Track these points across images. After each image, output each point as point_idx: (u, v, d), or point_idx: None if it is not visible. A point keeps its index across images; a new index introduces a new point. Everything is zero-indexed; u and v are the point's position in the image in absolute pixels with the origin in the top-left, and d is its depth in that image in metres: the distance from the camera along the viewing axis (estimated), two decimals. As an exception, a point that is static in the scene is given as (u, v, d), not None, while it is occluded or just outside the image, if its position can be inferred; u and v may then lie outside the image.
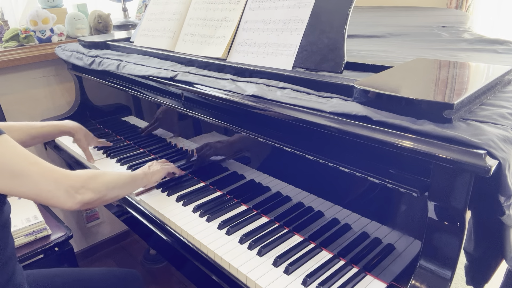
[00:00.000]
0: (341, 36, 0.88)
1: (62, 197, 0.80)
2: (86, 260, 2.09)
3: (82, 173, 0.86)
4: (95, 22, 1.87)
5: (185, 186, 1.12)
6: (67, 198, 0.80)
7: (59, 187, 0.79)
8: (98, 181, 0.87)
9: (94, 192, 0.85)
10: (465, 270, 0.65)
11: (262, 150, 0.97)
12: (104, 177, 0.90)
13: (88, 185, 0.84)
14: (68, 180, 0.81)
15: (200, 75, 1.05)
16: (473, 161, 0.55)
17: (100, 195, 0.87)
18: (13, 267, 0.86)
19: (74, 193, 0.81)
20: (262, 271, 0.79)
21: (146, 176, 1.06)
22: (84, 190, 0.83)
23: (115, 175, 0.95)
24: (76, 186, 0.82)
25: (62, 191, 0.80)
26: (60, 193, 0.79)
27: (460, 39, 1.47)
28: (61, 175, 0.81)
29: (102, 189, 0.88)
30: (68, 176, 0.82)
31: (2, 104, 1.66)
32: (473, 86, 0.70)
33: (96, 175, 0.88)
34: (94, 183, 0.86)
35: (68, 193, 0.80)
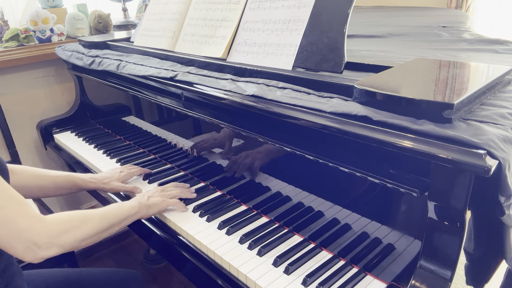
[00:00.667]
0: (341, 36, 0.88)
1: (20, 250, 0.71)
2: (86, 260, 2.09)
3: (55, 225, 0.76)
4: (95, 22, 1.87)
5: (185, 186, 1.12)
6: (26, 252, 0.72)
7: (19, 240, 0.71)
8: (71, 236, 0.78)
9: (61, 248, 0.77)
10: (465, 270, 0.65)
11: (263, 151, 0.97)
12: (82, 230, 0.80)
13: (57, 241, 0.75)
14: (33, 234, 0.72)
15: (200, 75, 1.05)
16: (473, 161, 0.55)
17: (69, 249, 0.78)
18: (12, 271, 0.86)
19: (36, 249, 0.72)
20: (262, 271, 0.79)
21: (140, 212, 0.94)
22: (50, 245, 0.74)
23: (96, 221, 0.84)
24: (40, 242, 0.73)
25: (22, 245, 0.71)
26: (19, 246, 0.71)
27: (460, 39, 1.47)
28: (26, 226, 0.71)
29: (74, 244, 0.79)
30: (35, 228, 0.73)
31: (2, 104, 1.66)
32: (473, 86, 0.70)
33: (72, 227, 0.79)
34: (65, 239, 0.77)
35: (29, 248, 0.72)
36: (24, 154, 1.77)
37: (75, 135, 1.60)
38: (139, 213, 0.94)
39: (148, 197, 0.98)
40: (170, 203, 0.99)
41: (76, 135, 1.60)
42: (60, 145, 1.58)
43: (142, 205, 0.95)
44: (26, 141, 1.78)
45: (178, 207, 1.00)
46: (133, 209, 0.92)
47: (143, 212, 0.94)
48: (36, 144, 1.80)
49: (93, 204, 2.06)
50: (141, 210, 0.94)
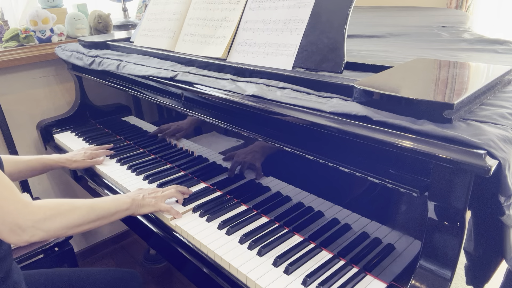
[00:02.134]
0: (341, 36, 0.88)
1: (5, 232, 0.73)
2: (86, 260, 2.09)
3: (41, 210, 0.77)
4: (95, 22, 1.87)
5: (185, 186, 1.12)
6: (11, 235, 0.73)
7: (4, 222, 0.72)
8: (56, 222, 0.79)
9: (46, 233, 0.77)
10: (465, 270, 0.65)
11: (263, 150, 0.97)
12: (68, 217, 0.81)
13: (41, 226, 0.76)
14: (19, 217, 0.74)
15: (200, 75, 1.05)
16: (473, 161, 0.55)
17: (54, 235, 0.79)
18: (9, 266, 0.86)
19: (21, 232, 0.74)
20: (262, 271, 0.79)
21: (131, 208, 0.94)
22: (34, 230, 0.75)
23: (84, 211, 0.84)
24: (24, 225, 0.74)
25: (7, 227, 0.73)
26: (4, 228, 0.73)
27: (460, 39, 1.47)
28: (12, 209, 0.73)
29: (58, 231, 0.80)
30: (20, 211, 0.74)
31: (2, 104, 1.66)
32: (473, 86, 0.70)
33: (58, 213, 0.80)
34: (50, 224, 0.78)
35: (13, 231, 0.73)
36: (24, 154, 1.77)
37: (75, 135, 1.60)
38: (130, 209, 0.94)
39: (143, 196, 0.99)
40: (162, 208, 0.99)
41: (76, 135, 1.60)
42: (60, 145, 1.58)
43: (135, 202, 0.95)
44: (26, 141, 1.78)
45: (171, 213, 0.98)
46: (124, 204, 0.93)
47: (133, 210, 0.95)
48: (36, 144, 1.80)
49: (93, 204, 2.06)
50: (132, 207, 0.95)
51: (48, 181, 1.90)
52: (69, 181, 1.94)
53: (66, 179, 1.94)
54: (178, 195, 1.04)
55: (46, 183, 1.89)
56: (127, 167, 1.27)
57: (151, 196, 1.00)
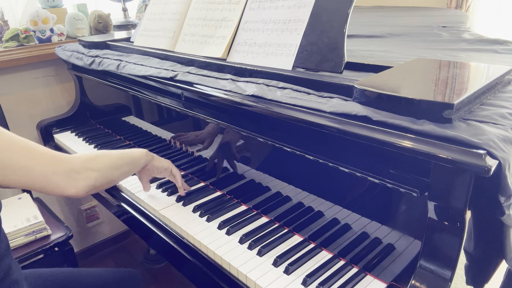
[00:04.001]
0: (341, 36, 0.88)
1: (62, 183, 0.71)
2: (86, 260, 2.09)
3: (80, 155, 0.78)
4: (95, 22, 1.87)
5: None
6: (69, 182, 0.72)
7: (56, 172, 0.70)
8: (99, 161, 0.80)
9: (99, 172, 0.77)
10: (465, 270, 0.65)
11: (262, 150, 0.97)
12: (104, 157, 0.83)
13: (91, 165, 0.76)
14: (66, 163, 0.72)
15: (200, 75, 1.05)
16: (473, 161, 0.55)
17: (105, 175, 0.79)
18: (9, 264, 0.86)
19: (77, 176, 0.73)
20: (262, 271, 0.79)
21: (148, 156, 0.99)
22: (87, 171, 0.75)
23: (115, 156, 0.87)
24: (76, 168, 0.73)
25: (61, 175, 0.71)
26: (59, 179, 0.71)
27: (460, 39, 1.47)
28: (56, 158, 0.72)
29: (105, 169, 0.80)
30: (64, 159, 0.73)
31: (2, 104, 1.66)
32: (473, 86, 0.70)
33: (96, 155, 0.81)
34: (96, 163, 0.78)
35: (69, 177, 0.72)
36: (24, 154, 1.77)
37: (75, 135, 1.60)
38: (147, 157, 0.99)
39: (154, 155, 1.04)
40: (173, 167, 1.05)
41: (76, 135, 1.60)
42: (60, 145, 1.58)
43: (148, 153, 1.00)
44: (26, 141, 1.78)
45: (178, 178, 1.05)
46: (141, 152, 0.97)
47: (149, 158, 1.00)
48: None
49: (93, 204, 2.06)
50: (148, 156, 0.99)
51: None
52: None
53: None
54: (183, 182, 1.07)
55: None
56: (127, 167, 1.27)
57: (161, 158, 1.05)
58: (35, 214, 1.38)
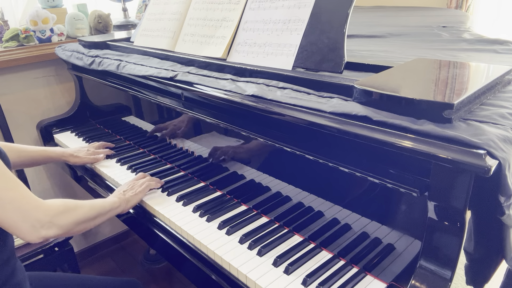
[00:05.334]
0: (341, 36, 0.88)
1: (25, 229, 0.77)
2: (86, 260, 2.09)
3: (54, 206, 0.83)
4: (95, 22, 1.87)
5: (185, 186, 1.12)
6: (31, 231, 0.77)
7: (26, 219, 0.76)
8: (68, 217, 0.84)
9: (60, 229, 0.82)
10: (465, 270, 0.65)
11: (262, 150, 0.97)
12: (76, 213, 0.87)
13: (56, 221, 0.81)
14: (37, 213, 0.78)
15: (200, 75, 1.05)
16: (473, 161, 0.55)
17: (65, 231, 0.84)
18: (13, 266, 0.86)
19: (39, 228, 0.78)
20: (262, 271, 0.79)
21: (121, 205, 1.01)
22: (51, 225, 0.80)
23: (87, 209, 0.91)
24: (43, 220, 0.79)
25: (28, 224, 0.77)
26: (25, 226, 0.77)
27: (460, 39, 1.47)
28: (32, 207, 0.78)
29: (70, 226, 0.85)
30: (38, 208, 0.79)
31: (2, 104, 1.66)
32: (473, 86, 0.70)
33: (68, 209, 0.85)
34: (63, 220, 0.83)
35: (33, 227, 0.77)
36: (24, 154, 1.77)
37: (75, 135, 1.60)
38: (120, 207, 1.01)
39: (123, 191, 1.06)
40: (144, 192, 1.08)
41: (76, 135, 1.60)
42: (60, 145, 1.58)
43: (121, 200, 1.02)
44: (26, 141, 1.78)
45: (151, 185, 1.09)
46: (115, 203, 1.00)
47: (124, 206, 1.02)
48: (36, 144, 1.80)
49: (93, 204, 2.06)
50: (122, 204, 1.01)
51: (48, 181, 1.90)
52: (69, 181, 1.94)
53: (66, 179, 1.94)
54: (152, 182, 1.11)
55: (46, 183, 1.89)
56: (127, 167, 1.27)
57: (129, 189, 1.07)
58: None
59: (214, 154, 1.11)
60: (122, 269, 2.05)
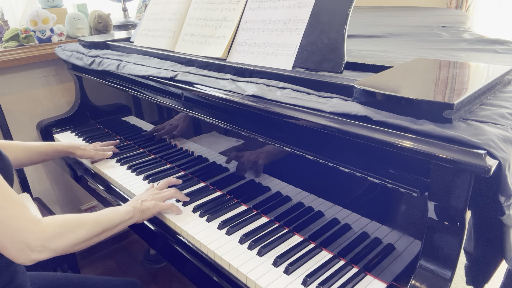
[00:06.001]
0: (341, 36, 0.88)
1: (13, 251, 0.71)
2: (86, 260, 2.09)
3: (50, 228, 0.76)
4: (95, 22, 1.87)
5: (185, 186, 1.12)
6: (19, 254, 0.72)
7: (13, 241, 0.71)
8: (64, 240, 0.77)
9: (53, 252, 0.76)
10: (465, 270, 0.65)
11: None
12: (74, 235, 0.80)
13: (49, 245, 0.75)
14: (28, 236, 0.72)
15: (200, 75, 1.05)
16: (473, 161, 0.55)
17: (61, 253, 0.78)
18: (15, 268, 0.86)
19: (29, 252, 0.72)
20: (262, 271, 0.79)
21: (135, 216, 0.94)
22: (43, 249, 0.74)
23: (90, 226, 0.83)
24: (33, 245, 0.72)
25: (15, 246, 0.71)
26: (12, 247, 0.71)
27: (460, 39, 1.47)
28: (22, 228, 0.72)
29: (66, 248, 0.78)
30: (30, 230, 0.73)
31: (2, 104, 1.66)
32: (473, 86, 0.70)
33: (66, 231, 0.78)
34: (57, 243, 0.76)
35: (22, 250, 0.71)
36: (24, 154, 1.77)
37: (75, 135, 1.60)
38: (134, 218, 0.94)
39: (142, 201, 0.98)
40: (163, 207, 0.99)
41: (76, 135, 1.60)
42: (60, 145, 1.58)
43: (136, 210, 0.95)
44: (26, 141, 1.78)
45: (172, 210, 0.99)
46: (127, 214, 0.92)
47: (137, 217, 0.94)
48: (36, 144, 1.80)
49: (93, 204, 2.06)
50: (135, 216, 0.94)
51: (48, 181, 1.90)
52: (69, 181, 1.94)
53: (66, 179, 1.94)
54: (178, 194, 1.04)
55: (46, 183, 1.89)
56: (127, 167, 1.27)
57: (149, 199, 0.99)
58: (35, 214, 1.37)
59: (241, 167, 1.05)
60: (122, 269, 2.05)
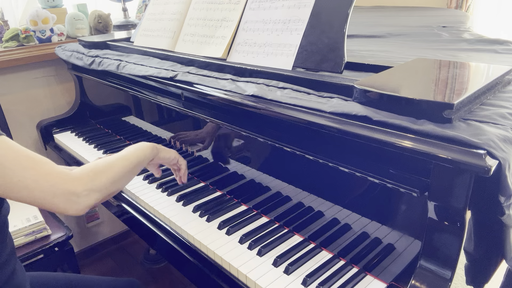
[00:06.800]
0: (341, 36, 0.88)
1: (62, 205, 0.73)
2: (86, 260, 2.09)
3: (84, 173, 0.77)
4: (95, 22, 1.87)
5: (185, 186, 1.12)
6: (68, 205, 0.73)
7: (56, 195, 0.72)
8: (103, 179, 0.79)
9: (99, 192, 0.77)
10: (465, 270, 0.65)
11: (262, 150, 0.97)
12: (109, 173, 0.81)
13: (92, 186, 0.76)
14: (68, 185, 0.73)
15: (200, 75, 1.05)
16: (473, 161, 0.55)
17: (107, 192, 0.79)
18: (13, 267, 0.86)
19: (77, 199, 0.74)
20: (262, 271, 0.79)
21: (154, 150, 0.97)
22: (88, 192, 0.75)
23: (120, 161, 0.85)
24: (77, 191, 0.74)
25: (61, 199, 0.72)
26: (59, 201, 0.72)
27: (460, 39, 1.47)
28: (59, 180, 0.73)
29: (108, 186, 0.80)
30: (67, 180, 0.74)
31: (2, 104, 1.66)
32: (473, 86, 0.70)
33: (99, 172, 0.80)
34: (98, 182, 0.78)
35: (69, 200, 0.73)
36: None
37: (75, 135, 1.60)
38: (153, 152, 0.97)
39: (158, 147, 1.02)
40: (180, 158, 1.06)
41: (76, 135, 1.60)
42: (60, 145, 1.58)
43: (153, 146, 0.98)
44: (26, 141, 1.78)
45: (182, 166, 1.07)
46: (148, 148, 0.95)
47: (155, 152, 0.99)
48: (36, 144, 1.80)
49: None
50: (154, 150, 0.98)
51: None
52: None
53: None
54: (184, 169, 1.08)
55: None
56: (127, 167, 1.27)
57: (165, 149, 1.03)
58: (35, 214, 1.38)
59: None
60: (122, 269, 2.05)
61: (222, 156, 1.09)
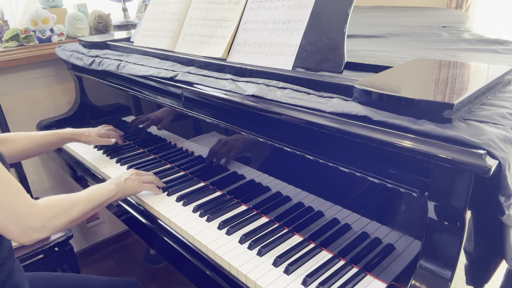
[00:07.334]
0: (341, 36, 0.88)
1: (16, 234, 0.77)
2: (86, 260, 2.09)
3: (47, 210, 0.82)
4: (95, 22, 1.87)
5: (185, 186, 1.12)
6: (21, 235, 0.77)
7: (16, 224, 0.76)
8: (61, 219, 0.84)
9: (52, 230, 0.83)
10: (465, 270, 0.65)
11: (262, 150, 0.97)
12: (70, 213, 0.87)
13: (49, 225, 0.81)
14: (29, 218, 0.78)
15: (200, 75, 1.05)
16: (473, 161, 0.55)
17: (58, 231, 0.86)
18: (11, 267, 0.86)
19: (31, 232, 0.78)
20: (262, 271, 0.79)
21: (118, 194, 1.01)
22: (43, 229, 0.80)
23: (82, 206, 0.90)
24: (34, 226, 0.79)
25: (18, 228, 0.77)
26: (15, 230, 0.77)
27: (460, 39, 1.47)
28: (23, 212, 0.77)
29: (63, 226, 0.85)
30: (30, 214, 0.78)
31: (2, 104, 1.66)
32: (473, 86, 0.70)
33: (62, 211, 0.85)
34: (56, 222, 0.83)
35: (24, 232, 0.77)
36: (24, 154, 1.77)
37: (75, 135, 1.60)
38: (117, 195, 1.01)
39: (125, 179, 1.04)
40: (145, 187, 1.07)
41: (76, 135, 1.60)
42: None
43: (119, 188, 1.01)
44: (26, 141, 1.78)
45: (153, 190, 1.08)
46: (111, 191, 0.99)
47: (120, 194, 1.02)
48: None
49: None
50: (118, 193, 1.01)
51: (48, 181, 1.90)
52: (69, 181, 1.94)
53: (66, 179, 1.94)
54: (157, 181, 1.10)
55: (46, 183, 1.89)
56: (127, 167, 1.27)
57: (132, 178, 1.06)
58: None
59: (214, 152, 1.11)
60: (122, 269, 2.05)
61: (222, 156, 1.09)
